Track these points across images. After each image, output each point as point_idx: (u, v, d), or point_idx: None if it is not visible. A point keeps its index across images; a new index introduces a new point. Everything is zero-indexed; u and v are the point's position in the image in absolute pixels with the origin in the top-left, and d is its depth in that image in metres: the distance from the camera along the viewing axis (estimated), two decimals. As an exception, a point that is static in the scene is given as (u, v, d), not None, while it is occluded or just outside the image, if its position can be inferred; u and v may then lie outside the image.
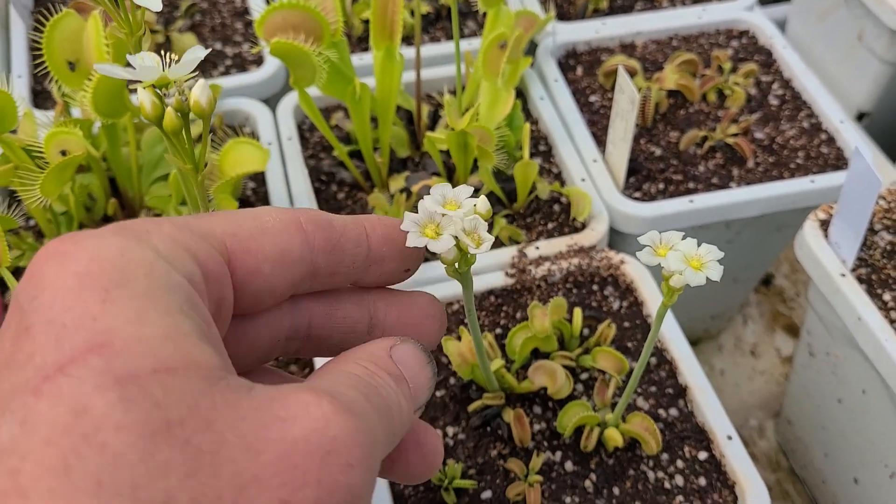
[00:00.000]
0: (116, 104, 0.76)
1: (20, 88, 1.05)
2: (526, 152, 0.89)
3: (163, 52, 0.50)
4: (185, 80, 0.50)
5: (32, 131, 0.83)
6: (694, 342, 1.31)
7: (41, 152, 0.76)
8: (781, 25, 1.51)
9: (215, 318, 0.35)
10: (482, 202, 0.53)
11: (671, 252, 0.55)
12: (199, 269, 0.34)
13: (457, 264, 0.55)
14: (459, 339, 0.77)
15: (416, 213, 0.48)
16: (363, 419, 0.33)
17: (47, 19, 0.77)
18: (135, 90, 0.92)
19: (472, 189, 0.53)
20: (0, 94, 0.74)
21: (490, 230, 0.92)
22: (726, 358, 1.29)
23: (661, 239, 0.56)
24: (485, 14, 0.92)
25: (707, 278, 0.54)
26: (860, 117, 1.38)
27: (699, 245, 0.55)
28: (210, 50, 0.96)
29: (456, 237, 0.52)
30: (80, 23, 0.78)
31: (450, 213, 0.52)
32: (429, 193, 0.52)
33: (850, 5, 1.30)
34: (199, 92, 0.48)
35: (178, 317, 0.31)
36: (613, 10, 1.19)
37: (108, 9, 0.54)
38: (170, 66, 0.49)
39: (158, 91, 0.49)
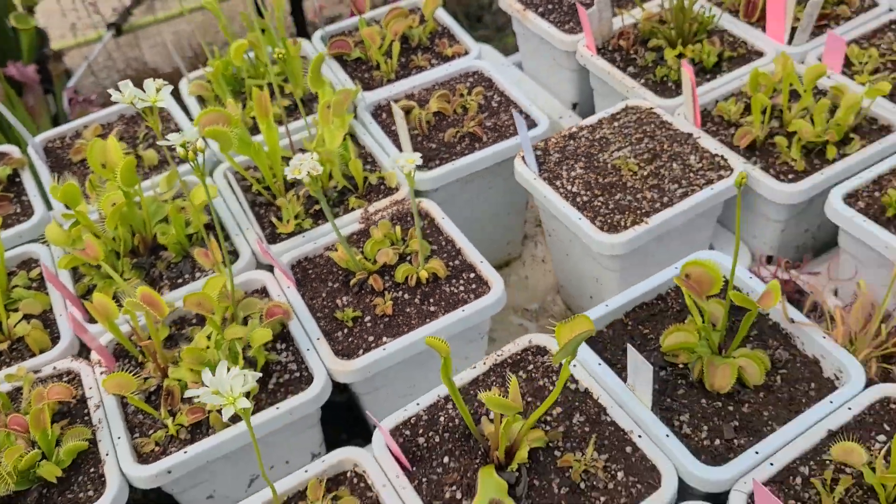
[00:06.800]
0: (132, 178, 1.47)
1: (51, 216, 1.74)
2: (352, 154, 1.63)
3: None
4: (190, 141, 1.20)
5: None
6: (507, 262, 2.05)
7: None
8: (520, 66, 2.34)
9: None
10: (316, 156, 1.27)
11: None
12: None
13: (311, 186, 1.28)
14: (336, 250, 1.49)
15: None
16: None
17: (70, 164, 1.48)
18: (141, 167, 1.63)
19: (316, 155, 1.27)
20: (71, 187, 1.44)
21: (348, 206, 1.66)
22: (528, 268, 2.04)
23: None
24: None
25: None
26: (574, 106, 2.19)
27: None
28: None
29: (309, 172, 1.26)
30: (103, 143, 1.49)
31: (304, 160, 1.26)
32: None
33: (545, 45, 2.12)
34: (199, 143, 1.19)
35: None
36: (398, 78, 1.97)
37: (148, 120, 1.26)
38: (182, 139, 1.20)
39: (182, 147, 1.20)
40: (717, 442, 1.19)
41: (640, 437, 1.18)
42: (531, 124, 1.79)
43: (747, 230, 1.71)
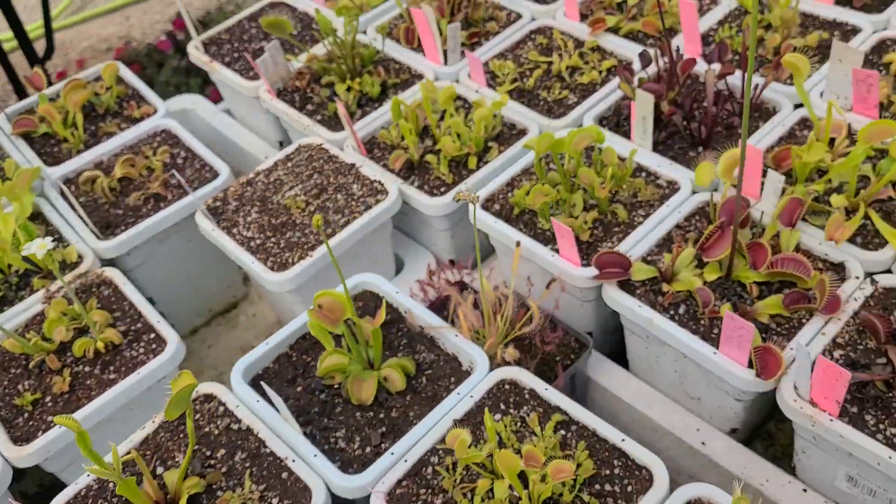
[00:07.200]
0: None
1: None
2: (19, 236, 1.66)
3: None
4: None
5: None
6: (235, 304, 2.12)
7: None
8: (229, 112, 2.41)
9: None
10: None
11: None
12: None
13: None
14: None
15: None
16: None
17: None
18: None
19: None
20: None
21: (33, 287, 1.67)
22: (255, 305, 2.12)
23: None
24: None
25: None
26: (281, 144, 2.29)
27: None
28: None
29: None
30: None
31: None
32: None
33: (237, 92, 2.20)
34: None
35: None
36: (88, 147, 1.99)
37: None
38: None
39: None
40: (368, 450, 1.32)
41: (293, 461, 1.30)
42: (214, 175, 1.88)
43: (427, 239, 1.87)
